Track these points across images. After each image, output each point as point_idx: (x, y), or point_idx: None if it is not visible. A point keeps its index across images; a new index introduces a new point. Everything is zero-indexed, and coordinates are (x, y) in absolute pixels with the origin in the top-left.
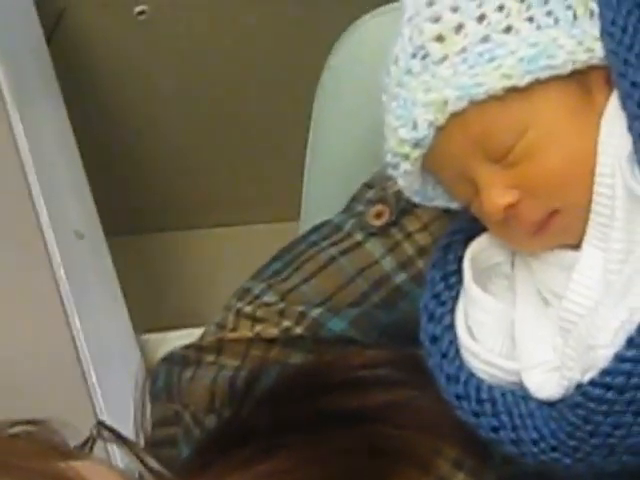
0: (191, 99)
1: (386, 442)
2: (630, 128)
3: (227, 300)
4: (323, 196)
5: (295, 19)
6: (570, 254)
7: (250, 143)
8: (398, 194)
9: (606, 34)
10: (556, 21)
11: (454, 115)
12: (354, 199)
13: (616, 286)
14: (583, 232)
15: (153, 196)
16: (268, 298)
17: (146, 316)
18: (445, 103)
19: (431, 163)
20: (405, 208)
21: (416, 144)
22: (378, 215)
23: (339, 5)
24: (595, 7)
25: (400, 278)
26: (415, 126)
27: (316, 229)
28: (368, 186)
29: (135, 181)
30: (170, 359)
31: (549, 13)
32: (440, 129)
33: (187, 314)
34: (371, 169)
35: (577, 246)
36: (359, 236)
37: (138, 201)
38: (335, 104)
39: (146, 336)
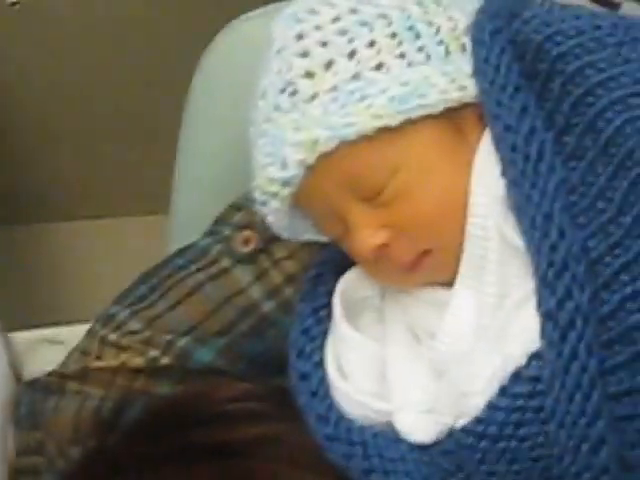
0: (64, 90)
1: (257, 477)
2: (503, 173)
3: (91, 325)
4: (193, 198)
5: (171, 15)
6: (442, 292)
7: (122, 135)
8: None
9: (478, 73)
10: (428, 57)
11: (324, 155)
12: (220, 221)
13: (490, 332)
14: (456, 270)
15: (22, 187)
16: (133, 325)
17: (12, 313)
18: (315, 143)
19: (301, 200)
20: (273, 235)
21: (285, 183)
22: (246, 241)
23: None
24: (468, 42)
25: (268, 306)
26: (284, 165)
27: (182, 252)
28: (235, 208)
29: (3, 170)
30: (33, 386)
31: (420, 49)
32: (310, 168)
33: (56, 310)
34: (239, 176)
35: (450, 283)
36: (226, 262)
37: (6, 191)
38: (206, 107)
39: (12, 334)
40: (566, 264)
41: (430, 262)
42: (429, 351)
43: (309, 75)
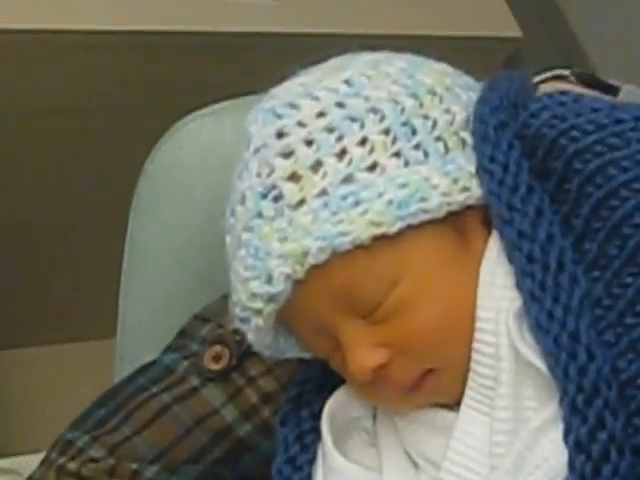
0: None
1: None
2: (519, 285)
3: (45, 453)
4: (142, 315)
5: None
6: (444, 414)
7: (59, 259)
8: (238, 333)
9: (484, 172)
10: (426, 155)
11: (315, 267)
12: (184, 334)
13: (506, 463)
14: (461, 391)
15: None
16: (95, 453)
17: None
18: (305, 254)
19: (286, 316)
20: (247, 350)
21: (271, 299)
22: (216, 358)
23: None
24: (467, 136)
25: (244, 429)
26: (270, 279)
27: (144, 370)
28: (202, 319)
29: None
30: None
31: (417, 146)
32: (299, 282)
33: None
34: (194, 286)
35: (451, 404)
36: (195, 381)
37: None
38: (152, 215)
39: None
40: (597, 389)
41: (433, 382)
42: None
43: (294, 178)
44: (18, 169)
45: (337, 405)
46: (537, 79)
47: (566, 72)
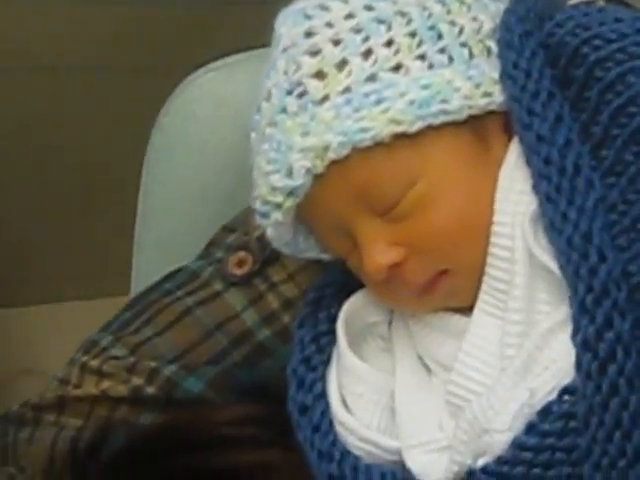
0: (10, 164)
1: None
2: (535, 187)
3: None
4: (155, 268)
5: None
6: (457, 319)
7: (73, 216)
8: (262, 240)
9: (507, 78)
10: (450, 60)
11: (335, 162)
12: (212, 243)
13: (515, 363)
14: (475, 295)
15: None
16: (117, 351)
17: None
18: (325, 149)
19: (305, 213)
20: (270, 256)
21: (290, 193)
22: (240, 263)
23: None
24: (493, 45)
25: (263, 334)
26: (290, 173)
27: (171, 276)
28: (228, 229)
29: None
30: (5, 418)
31: (442, 50)
32: (318, 177)
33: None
34: (208, 237)
35: (465, 309)
36: (218, 286)
37: None
38: (166, 166)
39: None
40: (606, 289)
41: (447, 284)
42: (445, 384)
43: (320, 75)
44: (31, 127)
45: (354, 309)
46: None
47: None
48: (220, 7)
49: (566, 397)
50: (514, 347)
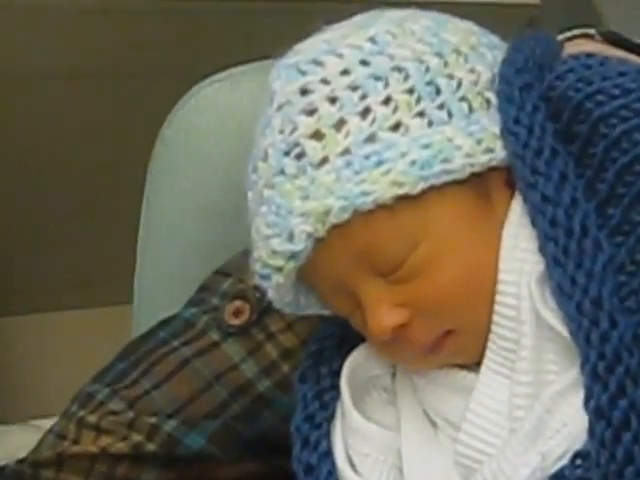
0: (11, 177)
1: None
2: (542, 249)
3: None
4: (157, 279)
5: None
6: (463, 375)
7: (76, 225)
8: (259, 289)
9: (509, 134)
10: (450, 115)
11: (336, 226)
12: (205, 288)
13: (525, 426)
14: (481, 352)
15: None
16: (114, 406)
17: None
18: (326, 213)
19: (306, 274)
20: (267, 305)
21: (291, 257)
22: (236, 313)
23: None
24: (492, 96)
25: (263, 385)
26: (291, 237)
27: (164, 324)
28: (223, 274)
29: None
30: (2, 474)
31: (441, 106)
32: (320, 240)
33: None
34: (211, 249)
35: (471, 364)
36: (215, 336)
37: None
38: (169, 178)
39: None
40: (619, 356)
41: (453, 344)
42: (453, 442)
43: (317, 136)
44: (34, 136)
45: (356, 363)
46: (562, 36)
47: (592, 31)
48: (224, 18)
49: (578, 462)
50: (523, 408)
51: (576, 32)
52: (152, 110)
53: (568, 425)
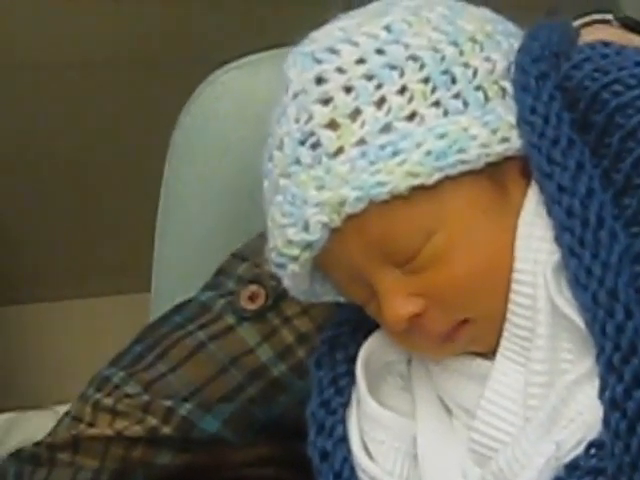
0: (28, 163)
1: None
2: (558, 239)
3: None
4: (176, 264)
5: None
6: (478, 363)
7: (95, 212)
8: (275, 276)
9: (525, 124)
10: (465, 105)
11: (352, 216)
12: (222, 272)
13: (540, 415)
14: (497, 341)
15: None
16: (130, 389)
17: None
18: (342, 204)
19: (322, 263)
20: (283, 290)
21: (307, 246)
22: (252, 297)
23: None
24: (508, 85)
25: (278, 369)
26: (306, 227)
27: (180, 307)
28: (239, 258)
29: None
30: (19, 456)
31: (457, 96)
32: (335, 231)
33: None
34: (229, 236)
35: (487, 353)
36: (230, 319)
37: None
38: (188, 165)
39: None
40: (634, 347)
41: (468, 333)
42: (468, 431)
43: (333, 126)
44: (52, 124)
45: (372, 349)
46: (579, 22)
47: (609, 16)
48: (240, 5)
49: (593, 451)
50: (538, 397)
51: (594, 17)
52: (170, 97)
53: (583, 414)
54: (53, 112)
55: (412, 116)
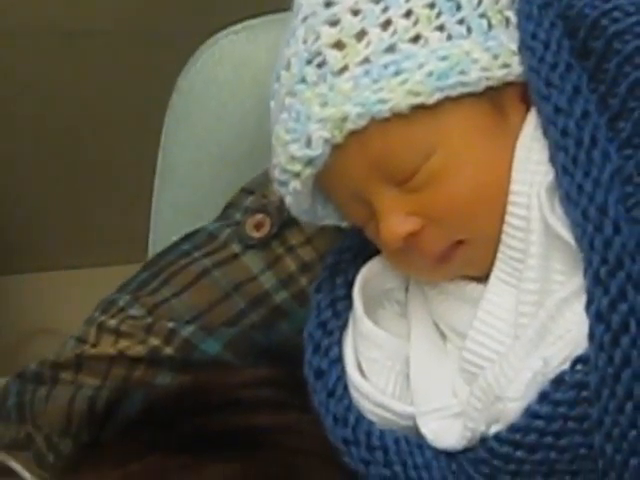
0: (25, 131)
1: (277, 468)
2: (552, 159)
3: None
4: (172, 230)
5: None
6: (473, 287)
7: (92, 180)
8: (280, 203)
9: (526, 49)
10: (469, 31)
11: (353, 133)
12: (231, 205)
13: (528, 332)
14: (491, 264)
15: None
16: (134, 311)
17: None
18: (344, 120)
19: (323, 182)
20: (288, 219)
21: (309, 162)
22: (258, 226)
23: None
24: (512, 15)
25: (281, 296)
26: (309, 143)
27: (188, 237)
28: (247, 191)
29: None
30: (23, 376)
31: (461, 21)
32: (337, 147)
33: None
34: (225, 201)
35: (481, 278)
36: (236, 248)
37: None
38: (185, 130)
39: None
40: (620, 262)
41: (463, 254)
42: (460, 351)
43: (339, 45)
44: (49, 91)
45: (371, 274)
46: None
47: None
48: None
49: (579, 367)
50: (528, 316)
51: None
52: (168, 62)
53: (571, 331)
54: (50, 79)
55: (416, 38)
